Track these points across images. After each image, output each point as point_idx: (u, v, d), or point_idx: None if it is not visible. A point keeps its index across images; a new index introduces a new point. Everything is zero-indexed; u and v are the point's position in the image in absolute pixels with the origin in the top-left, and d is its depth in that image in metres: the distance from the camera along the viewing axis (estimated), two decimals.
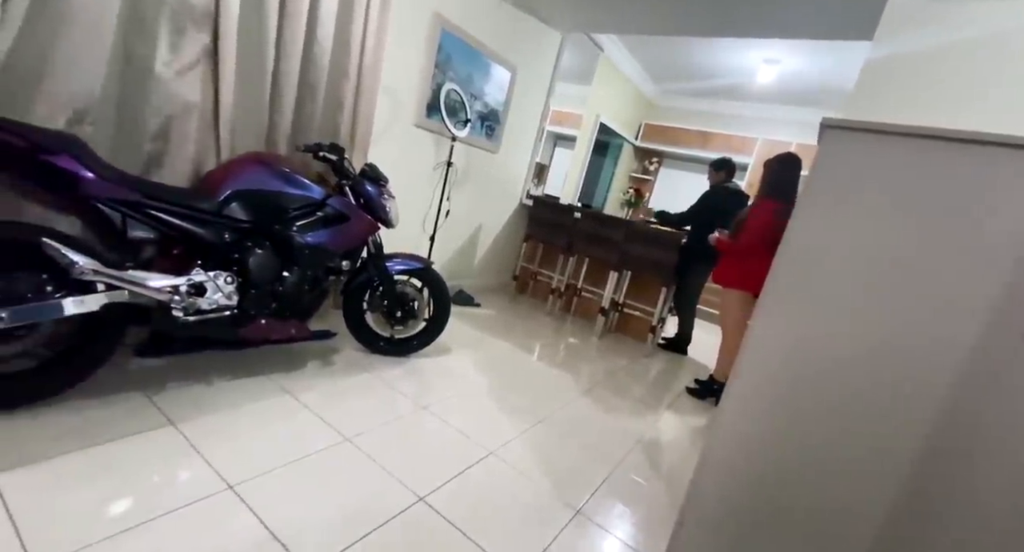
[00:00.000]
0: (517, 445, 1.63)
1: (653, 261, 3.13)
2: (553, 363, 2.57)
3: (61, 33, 1.30)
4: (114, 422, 1.27)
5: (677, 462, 1.80)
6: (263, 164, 1.59)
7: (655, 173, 6.13)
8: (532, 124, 3.82)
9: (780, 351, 0.91)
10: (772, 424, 0.93)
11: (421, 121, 2.73)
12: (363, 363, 1.98)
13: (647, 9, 3.04)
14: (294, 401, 1.57)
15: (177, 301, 1.37)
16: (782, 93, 4.79)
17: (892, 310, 0.79)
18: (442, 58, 2.73)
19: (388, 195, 1.94)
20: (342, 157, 1.80)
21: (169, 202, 1.38)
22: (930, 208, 0.76)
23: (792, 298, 0.89)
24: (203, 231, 1.44)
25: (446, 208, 2.90)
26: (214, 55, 1.62)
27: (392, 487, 1.27)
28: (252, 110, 1.80)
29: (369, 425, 1.53)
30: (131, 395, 1.40)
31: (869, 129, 0.76)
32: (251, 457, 1.26)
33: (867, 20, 2.29)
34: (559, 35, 3.71)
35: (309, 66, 1.92)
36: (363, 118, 2.18)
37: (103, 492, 1.04)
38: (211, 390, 1.52)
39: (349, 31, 2.00)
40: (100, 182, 1.26)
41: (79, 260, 1.20)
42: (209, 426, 1.34)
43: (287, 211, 1.61)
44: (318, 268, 1.71)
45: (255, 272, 1.52)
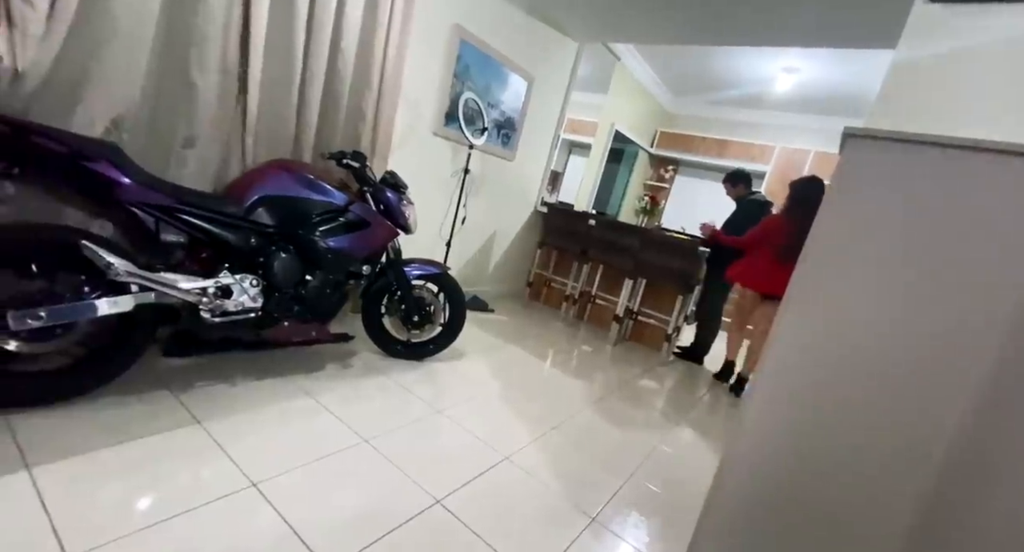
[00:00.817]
0: (532, 451, 1.64)
1: (669, 269, 3.11)
2: (567, 370, 2.57)
3: (102, 45, 1.37)
4: (144, 419, 1.31)
5: (693, 472, 1.78)
6: (288, 171, 1.64)
7: (671, 181, 6.11)
8: (548, 132, 3.85)
9: (803, 353, 0.91)
10: (794, 428, 0.93)
11: (439, 129, 2.78)
12: (380, 366, 2.01)
13: (664, 19, 3.06)
14: (314, 402, 1.60)
15: (205, 302, 1.42)
16: (801, 101, 4.75)
17: (914, 313, 0.79)
18: (461, 68, 2.78)
19: (407, 202, 1.98)
20: (364, 164, 1.84)
21: (200, 207, 1.43)
22: (952, 217, 0.75)
23: (815, 303, 0.89)
24: (231, 235, 1.48)
25: (462, 215, 2.93)
26: (243, 67, 1.68)
27: (409, 489, 1.29)
28: (278, 119, 1.86)
29: (386, 427, 1.56)
30: (160, 394, 1.45)
31: (891, 138, 0.76)
32: (273, 456, 1.29)
33: (886, 28, 2.27)
34: (576, 45, 3.75)
35: (333, 77, 1.98)
36: (384, 127, 2.23)
37: (133, 487, 1.08)
38: (235, 390, 1.56)
39: (372, 43, 2.05)
40: (136, 187, 1.32)
41: (115, 262, 1.25)
42: (233, 425, 1.38)
43: (311, 216, 1.65)
44: (340, 272, 1.74)
45: (279, 276, 1.56)
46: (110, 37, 1.37)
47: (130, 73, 1.43)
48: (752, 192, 3.23)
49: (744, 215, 3.15)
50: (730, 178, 3.27)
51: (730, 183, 3.27)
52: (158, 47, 1.51)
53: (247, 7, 1.62)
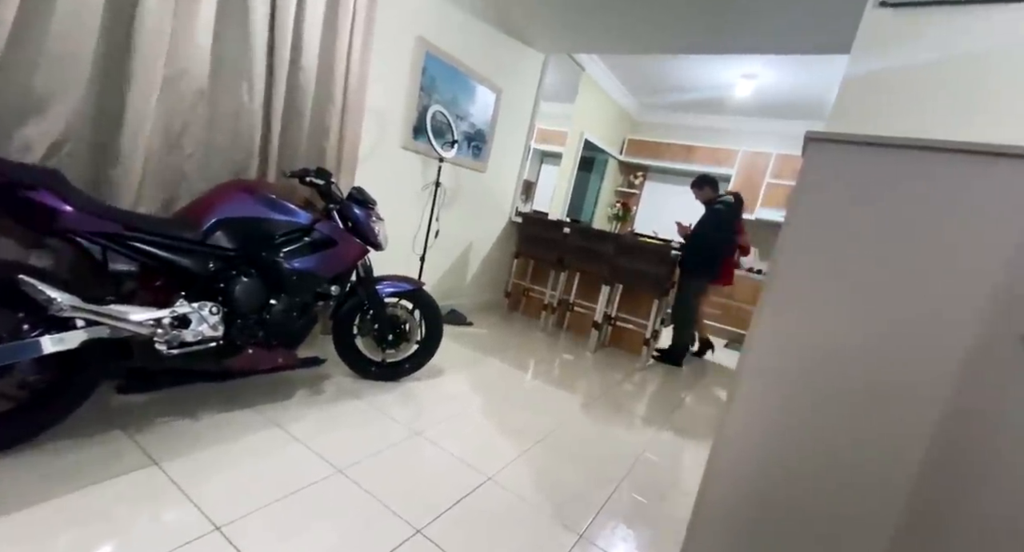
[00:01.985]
0: (515, 468, 1.59)
1: (644, 274, 3.14)
2: (549, 380, 2.54)
3: (39, 67, 1.29)
4: (96, 464, 1.21)
5: (678, 477, 1.77)
6: (248, 191, 1.58)
7: (640, 187, 6.21)
8: (518, 142, 3.87)
9: (780, 356, 0.91)
10: (777, 430, 0.93)
11: (408, 143, 2.74)
12: (354, 389, 1.93)
13: (626, 30, 3.12)
14: (283, 433, 1.52)
15: (160, 334, 1.33)
16: (761, 106, 4.92)
17: (884, 313, 0.80)
18: (427, 81, 2.76)
19: (376, 217, 1.93)
20: (329, 181, 1.79)
21: (151, 233, 1.35)
22: (916, 215, 0.77)
23: (787, 305, 0.89)
24: (187, 261, 1.41)
25: (435, 228, 2.89)
26: (195, 83, 1.62)
27: (388, 520, 1.23)
28: (236, 137, 1.80)
29: (362, 455, 1.49)
30: (113, 434, 1.35)
31: (851, 141, 0.78)
32: (239, 495, 1.21)
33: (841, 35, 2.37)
34: (542, 56, 3.79)
35: (295, 92, 1.93)
36: (349, 142, 2.18)
37: (85, 539, 0.99)
38: (197, 425, 1.47)
39: (333, 56, 2.01)
40: (80, 215, 1.23)
41: (57, 296, 1.17)
42: (195, 464, 1.29)
43: (273, 237, 1.59)
44: (306, 294, 1.68)
45: (241, 301, 1.49)
46: (47, 57, 1.30)
47: (69, 95, 1.36)
48: (720, 195, 3.31)
49: (714, 217, 3.22)
50: (697, 183, 3.35)
51: (697, 187, 3.35)
52: (100, 66, 1.43)
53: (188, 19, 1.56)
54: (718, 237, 3.26)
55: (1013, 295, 0.69)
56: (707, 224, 3.25)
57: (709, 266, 3.28)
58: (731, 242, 3.36)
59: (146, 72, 1.48)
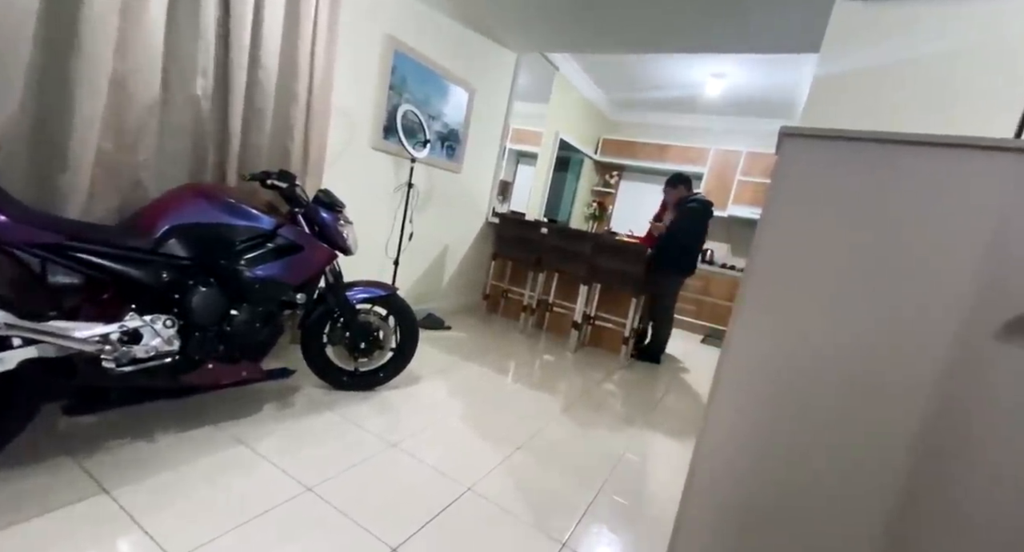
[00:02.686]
0: (496, 477, 1.55)
1: (621, 273, 3.14)
2: (529, 383, 2.51)
3: None
4: (40, 494, 1.12)
5: (660, 477, 1.75)
6: (203, 195, 1.49)
7: (616, 186, 6.25)
8: (493, 143, 3.82)
9: (758, 356, 0.89)
10: (758, 429, 0.91)
11: (379, 143, 2.67)
12: (325, 401, 1.86)
13: (597, 29, 3.12)
14: (248, 451, 1.44)
15: (108, 351, 1.24)
16: (731, 105, 5.00)
17: (864, 308, 0.79)
18: (397, 80, 2.69)
19: (345, 221, 1.86)
20: (293, 184, 1.71)
21: (96, 242, 1.25)
22: (890, 208, 0.76)
23: (766, 303, 0.88)
24: (137, 272, 1.31)
25: (409, 230, 2.82)
26: (146, 83, 1.52)
27: (362, 539, 1.17)
28: (191, 137, 1.70)
29: (334, 470, 1.42)
30: (60, 461, 1.24)
31: (826, 135, 0.76)
32: (199, 522, 1.13)
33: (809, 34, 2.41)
34: (514, 55, 3.75)
35: (254, 90, 1.84)
36: (315, 142, 2.10)
37: None
38: (153, 447, 1.37)
39: (296, 53, 1.93)
40: (14, 225, 1.13)
41: None
42: (150, 490, 1.20)
43: (233, 244, 1.50)
44: (270, 303, 1.59)
45: (198, 313, 1.40)
46: None
47: (2, 95, 1.24)
48: (694, 194, 3.34)
49: (688, 216, 3.24)
50: (672, 181, 3.36)
51: (671, 186, 3.36)
52: (38, 67, 1.32)
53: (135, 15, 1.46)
54: (692, 235, 3.29)
55: (990, 288, 0.69)
56: (682, 223, 3.28)
57: (685, 263, 3.31)
58: (703, 240, 3.39)
59: (92, 72, 1.38)
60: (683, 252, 3.28)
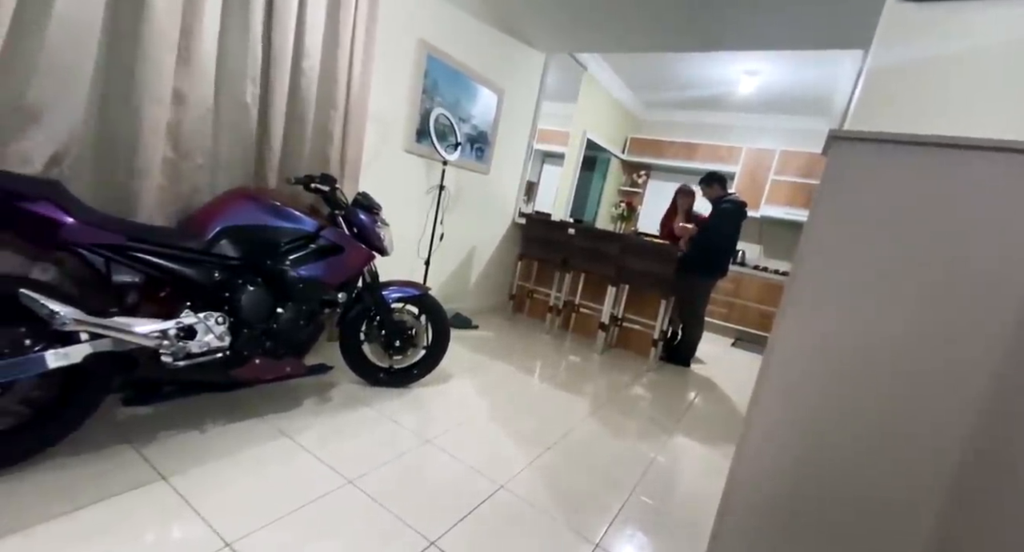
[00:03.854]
0: (527, 476, 1.57)
1: (651, 274, 3.11)
2: (556, 384, 2.51)
3: (37, 76, 1.27)
4: (102, 480, 1.19)
5: (691, 482, 1.73)
6: (252, 199, 1.56)
7: (644, 186, 6.18)
8: (521, 143, 3.84)
9: (804, 355, 0.88)
10: (801, 432, 0.91)
11: (411, 146, 2.72)
12: (362, 396, 1.91)
13: (627, 28, 3.10)
14: (291, 443, 1.50)
15: (166, 346, 1.31)
16: (763, 102, 4.88)
17: (915, 310, 0.77)
18: (429, 83, 2.74)
19: (382, 223, 1.91)
20: (334, 187, 1.77)
21: (155, 243, 1.33)
22: (946, 215, 0.74)
23: (812, 303, 0.87)
24: (192, 271, 1.38)
25: (440, 232, 2.87)
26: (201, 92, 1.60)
27: (401, 531, 1.20)
28: (239, 145, 1.78)
29: (372, 464, 1.46)
30: (119, 449, 1.33)
31: (876, 139, 0.75)
32: (248, 509, 1.18)
33: (845, 30, 2.34)
34: (543, 56, 3.76)
35: (296, 99, 1.91)
36: (353, 147, 2.16)
37: None
38: (204, 437, 1.44)
39: (335, 61, 1.99)
40: (81, 226, 1.21)
41: (60, 310, 1.14)
42: (202, 477, 1.27)
43: (279, 245, 1.57)
44: (313, 302, 1.65)
45: (247, 311, 1.47)
46: (45, 67, 1.27)
47: (69, 105, 1.33)
48: (728, 193, 3.27)
49: (722, 216, 3.18)
50: (706, 180, 3.30)
51: (705, 184, 3.30)
52: (100, 76, 1.41)
53: (193, 29, 1.53)
54: (726, 236, 3.22)
55: None
56: (715, 223, 3.21)
57: (718, 265, 3.24)
58: (736, 242, 3.32)
59: (157, 82, 1.46)
60: (716, 253, 3.22)
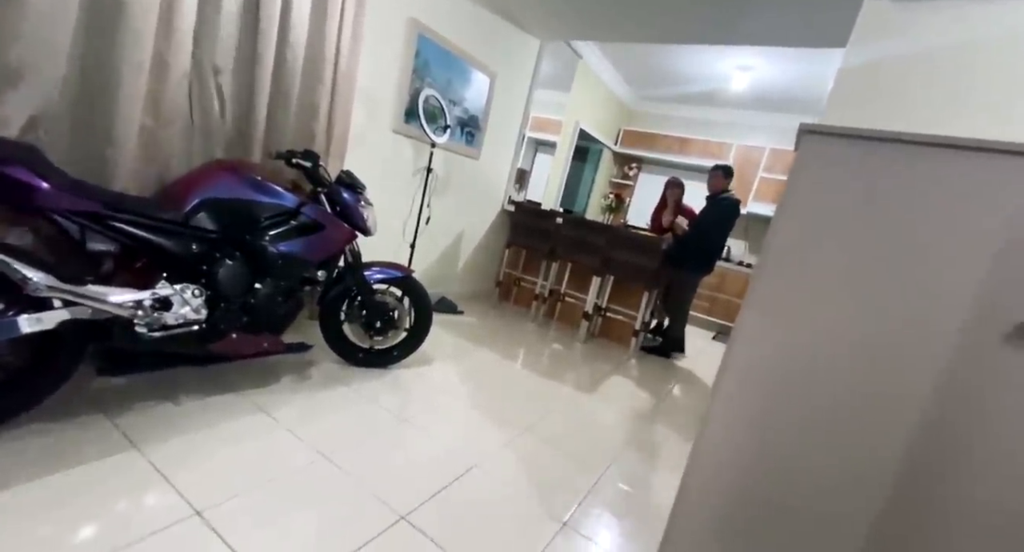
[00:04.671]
0: (502, 456, 1.60)
1: (636, 266, 3.14)
2: (537, 370, 2.55)
3: (15, 39, 1.23)
4: (75, 447, 1.19)
5: (664, 468, 1.79)
6: (232, 171, 1.54)
7: (635, 178, 6.19)
8: (513, 130, 3.82)
9: (765, 353, 0.91)
10: (758, 426, 0.93)
11: (400, 127, 2.70)
12: (341, 376, 1.92)
13: (623, 17, 3.08)
14: (268, 418, 1.51)
15: (141, 316, 1.30)
16: (755, 99, 4.90)
17: (873, 311, 0.80)
18: (420, 63, 2.70)
19: (366, 202, 1.90)
20: (316, 164, 1.75)
21: (131, 212, 1.31)
22: (906, 209, 0.76)
23: (774, 300, 0.89)
24: (168, 242, 1.37)
25: (426, 215, 2.86)
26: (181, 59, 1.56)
27: (372, 506, 1.23)
28: (220, 115, 1.75)
29: (348, 441, 1.48)
30: (92, 418, 1.32)
31: (848, 134, 0.77)
32: (221, 480, 1.20)
33: (837, 28, 2.35)
34: (538, 42, 3.72)
35: (282, 71, 1.87)
36: (339, 124, 2.14)
37: (64, 522, 0.97)
38: (179, 410, 1.45)
39: (323, 36, 1.96)
40: (56, 192, 1.19)
41: (33, 275, 1.13)
42: (176, 449, 1.28)
43: (258, 220, 1.55)
44: (292, 279, 1.65)
45: (224, 284, 1.46)
46: (24, 30, 1.24)
47: (47, 69, 1.30)
48: (728, 190, 3.19)
49: (719, 212, 3.16)
50: (722, 169, 3.14)
51: (722, 174, 3.13)
52: (80, 40, 1.37)
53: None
54: (723, 233, 3.22)
55: (998, 295, 0.70)
56: (714, 217, 3.19)
57: (708, 260, 3.26)
58: (727, 238, 3.34)
59: (138, 49, 1.43)
60: (709, 248, 3.23)
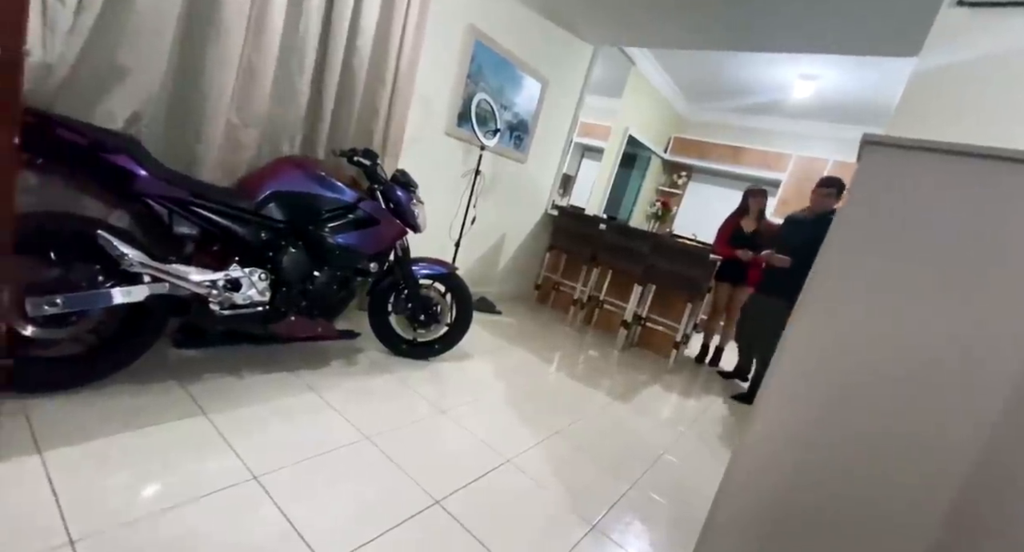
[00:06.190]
0: (534, 454, 1.62)
1: (680, 276, 3.08)
2: (572, 374, 2.55)
3: (124, 40, 1.39)
4: (152, 409, 1.33)
5: (699, 482, 1.75)
6: (300, 167, 1.66)
7: (684, 187, 6.06)
8: (560, 135, 3.85)
9: (813, 361, 0.89)
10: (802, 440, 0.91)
11: (452, 129, 2.79)
12: (385, 364, 2.01)
13: (681, 24, 3.04)
14: (318, 398, 1.61)
15: (214, 295, 1.44)
16: (819, 109, 4.68)
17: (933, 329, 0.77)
18: (474, 69, 2.79)
19: (417, 200, 1.99)
20: (375, 162, 1.85)
21: (212, 200, 1.45)
22: (975, 227, 0.73)
23: (827, 307, 0.88)
24: (242, 229, 1.50)
25: (472, 215, 2.94)
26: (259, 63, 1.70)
27: (409, 488, 1.29)
28: (291, 115, 1.88)
29: (389, 425, 1.56)
30: (168, 384, 1.47)
31: (912, 146, 0.75)
32: (275, 450, 1.30)
33: (908, 36, 2.23)
34: (591, 48, 3.74)
35: (348, 74, 2.00)
36: (396, 125, 2.25)
37: (139, 474, 1.09)
38: (241, 383, 1.57)
39: (387, 41, 2.07)
40: (152, 180, 1.34)
41: (129, 252, 1.28)
42: (238, 417, 1.39)
43: (320, 213, 1.67)
44: (347, 269, 1.76)
45: (288, 270, 1.58)
46: (132, 32, 1.40)
47: (150, 69, 1.46)
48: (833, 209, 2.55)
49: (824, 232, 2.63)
50: (837, 186, 2.55)
51: (836, 192, 2.53)
52: (178, 43, 1.53)
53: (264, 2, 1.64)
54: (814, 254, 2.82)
55: None
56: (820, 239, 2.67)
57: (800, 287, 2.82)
58: None
59: (229, 54, 1.58)
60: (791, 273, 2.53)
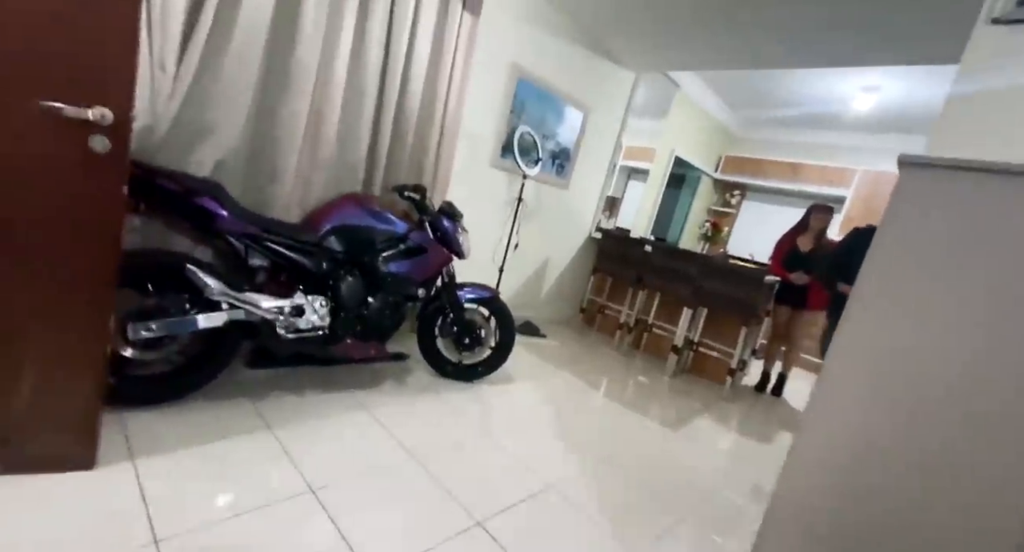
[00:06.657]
0: (577, 481, 1.61)
1: (733, 299, 2.96)
2: (620, 400, 2.51)
3: (211, 103, 1.62)
4: (226, 423, 1.48)
5: (755, 520, 1.65)
6: (357, 203, 1.82)
7: (737, 206, 5.85)
8: (603, 160, 3.89)
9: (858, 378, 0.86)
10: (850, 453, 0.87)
11: (496, 161, 2.92)
12: (432, 386, 2.09)
13: (724, 46, 3.03)
14: (370, 417, 1.71)
15: (281, 321, 1.59)
16: (881, 121, 4.41)
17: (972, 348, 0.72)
18: (517, 104, 2.93)
19: (462, 229, 2.09)
20: (424, 196, 1.99)
21: (282, 235, 1.62)
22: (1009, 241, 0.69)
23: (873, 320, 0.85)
24: (306, 260, 1.66)
25: (515, 241, 3.02)
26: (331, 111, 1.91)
27: (452, 508, 1.33)
28: (352, 156, 2.07)
29: (434, 445, 1.61)
30: (239, 400, 1.62)
31: (949, 165, 0.72)
32: (331, 464, 1.39)
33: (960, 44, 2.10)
34: (633, 75, 3.80)
35: (402, 117, 2.18)
36: (444, 160, 2.40)
37: (215, 482, 1.22)
38: (303, 400, 1.71)
39: (436, 84, 2.24)
40: (232, 219, 1.53)
41: (212, 283, 1.45)
42: (299, 433, 1.51)
43: (375, 243, 1.81)
44: (399, 295, 1.87)
45: (345, 297, 1.71)
46: (218, 95, 1.63)
47: (233, 123, 1.68)
48: None
49: None
50: None
51: None
52: (255, 100, 1.76)
53: (328, 60, 1.84)
54: None
55: None
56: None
57: None
58: None
59: (299, 105, 1.79)
60: None
